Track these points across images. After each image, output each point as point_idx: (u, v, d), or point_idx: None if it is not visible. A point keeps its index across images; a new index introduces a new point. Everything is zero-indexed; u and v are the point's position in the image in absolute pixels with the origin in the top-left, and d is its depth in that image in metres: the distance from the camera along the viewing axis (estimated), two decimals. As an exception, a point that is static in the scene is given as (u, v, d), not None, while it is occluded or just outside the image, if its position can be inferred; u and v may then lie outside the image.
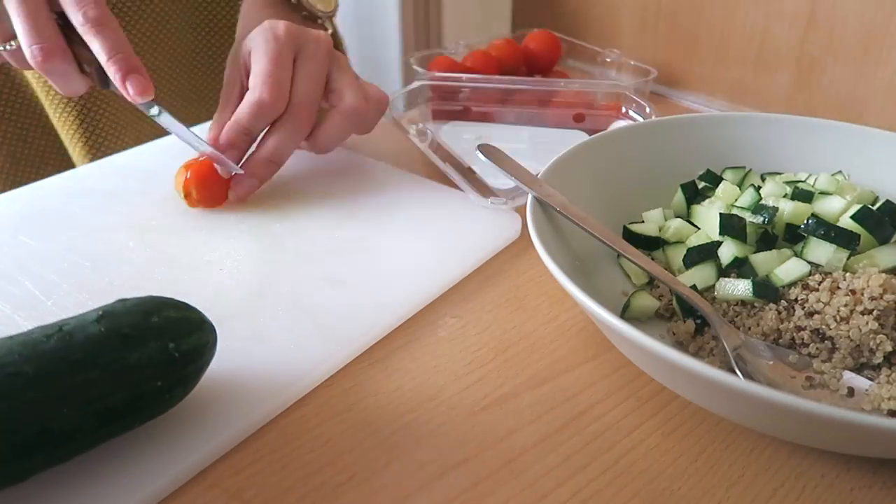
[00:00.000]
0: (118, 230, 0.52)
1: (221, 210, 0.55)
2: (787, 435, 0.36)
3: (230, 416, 0.37)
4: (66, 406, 0.31)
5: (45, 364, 0.31)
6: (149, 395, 0.33)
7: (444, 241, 0.52)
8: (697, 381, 0.34)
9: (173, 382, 0.34)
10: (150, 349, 0.33)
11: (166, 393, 0.34)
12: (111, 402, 0.32)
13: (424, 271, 0.49)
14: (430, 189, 0.60)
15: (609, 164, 0.52)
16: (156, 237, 0.52)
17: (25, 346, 0.31)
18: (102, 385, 0.32)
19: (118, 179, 0.59)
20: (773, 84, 0.75)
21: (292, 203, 0.57)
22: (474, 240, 0.52)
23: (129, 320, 0.33)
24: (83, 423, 0.31)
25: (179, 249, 0.51)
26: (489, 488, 0.34)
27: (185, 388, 0.35)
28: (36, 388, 0.30)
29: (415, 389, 0.40)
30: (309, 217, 0.55)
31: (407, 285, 0.47)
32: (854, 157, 0.53)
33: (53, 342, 0.32)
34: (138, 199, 0.56)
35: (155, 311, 0.34)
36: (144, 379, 0.33)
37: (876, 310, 0.39)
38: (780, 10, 0.72)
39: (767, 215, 0.45)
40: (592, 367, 0.42)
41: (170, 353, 0.33)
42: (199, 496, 0.34)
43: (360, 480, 0.35)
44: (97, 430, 0.32)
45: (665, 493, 0.34)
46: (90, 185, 0.58)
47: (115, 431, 0.34)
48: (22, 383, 0.30)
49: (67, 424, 0.31)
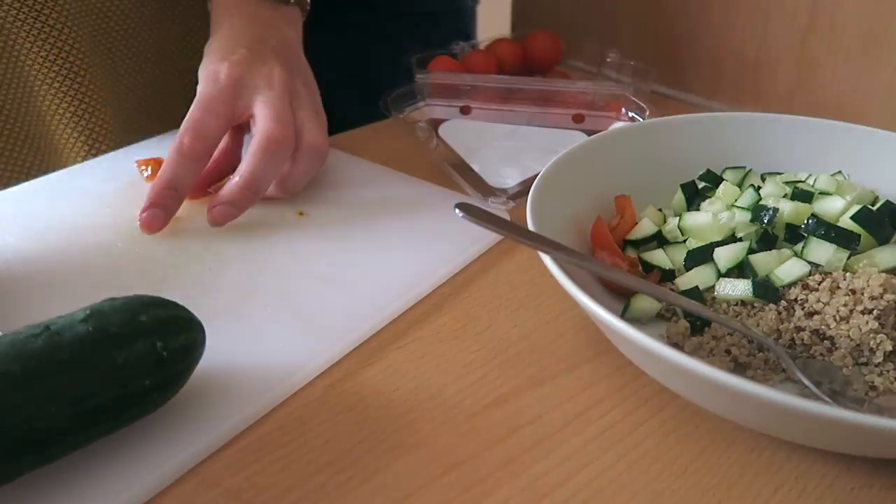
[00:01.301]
0: (107, 230, 0.53)
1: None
2: (787, 435, 0.36)
3: (219, 413, 0.37)
4: (54, 406, 0.31)
5: (32, 364, 0.31)
6: (137, 394, 0.33)
7: (438, 239, 0.53)
8: (697, 382, 0.34)
9: (161, 382, 0.34)
10: (138, 348, 0.33)
11: (154, 392, 0.34)
12: (99, 401, 0.32)
13: (417, 269, 0.49)
14: (426, 188, 0.60)
15: (609, 165, 0.52)
16: (144, 237, 0.52)
17: (13, 346, 0.31)
18: (90, 385, 0.32)
19: (107, 179, 0.60)
20: (773, 84, 0.75)
21: (282, 202, 0.57)
22: (471, 238, 0.52)
23: (117, 319, 0.33)
24: (71, 423, 0.31)
25: (167, 249, 0.51)
26: (489, 488, 0.34)
27: (174, 388, 0.35)
28: (23, 388, 0.30)
29: (415, 389, 0.40)
30: (296, 216, 0.55)
31: (400, 282, 0.48)
32: (854, 157, 0.53)
33: (41, 342, 0.31)
34: (127, 199, 0.57)
35: (142, 310, 0.34)
36: (132, 378, 0.33)
37: (876, 309, 0.39)
38: (780, 10, 0.72)
39: (768, 216, 0.45)
40: (592, 367, 0.42)
41: (158, 353, 0.33)
42: (199, 496, 0.34)
43: (360, 480, 0.35)
44: (85, 430, 0.32)
45: (665, 493, 0.34)
46: (79, 185, 0.59)
47: (104, 431, 0.33)
48: (8, 383, 0.30)
49: (55, 424, 0.31)
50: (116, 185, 0.58)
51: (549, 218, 0.45)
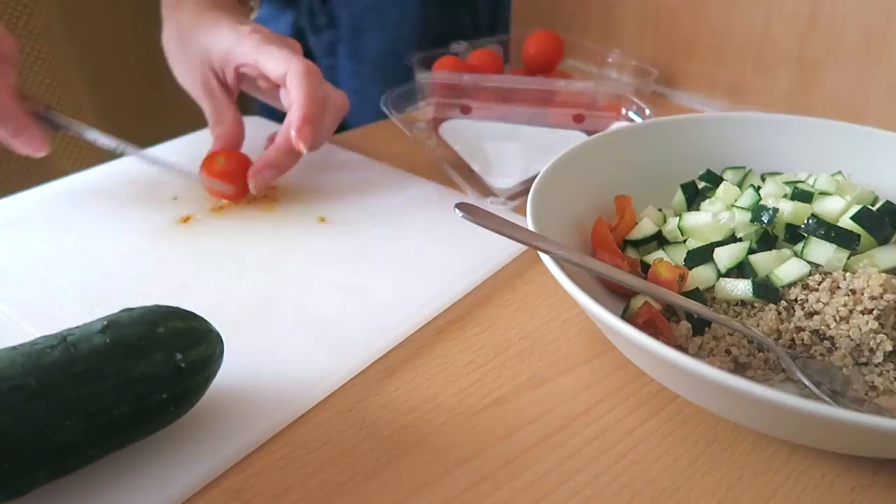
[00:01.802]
0: (128, 234, 0.52)
1: (228, 216, 0.55)
2: (788, 435, 0.36)
3: (236, 428, 0.36)
4: (70, 419, 0.30)
5: (48, 376, 0.30)
6: (154, 407, 0.33)
7: (461, 244, 0.52)
8: (697, 382, 0.34)
9: (179, 394, 0.34)
10: (156, 361, 0.32)
11: (171, 405, 0.34)
12: (115, 414, 0.31)
13: (440, 280, 0.48)
14: (433, 191, 0.59)
15: (609, 165, 0.52)
16: (164, 242, 0.52)
17: (29, 358, 0.31)
18: (107, 397, 0.31)
19: (128, 183, 0.59)
20: (773, 84, 0.75)
21: (300, 208, 0.57)
22: (482, 248, 0.51)
23: (135, 331, 0.33)
24: (87, 436, 0.31)
25: (187, 255, 0.50)
26: (489, 488, 0.34)
27: (192, 400, 0.35)
28: (39, 401, 0.30)
29: (415, 389, 0.40)
30: (316, 222, 0.55)
31: (422, 294, 0.47)
32: (854, 157, 0.53)
33: (57, 353, 0.31)
34: (148, 203, 0.56)
35: (160, 322, 0.33)
36: (149, 391, 0.32)
37: (876, 309, 0.39)
38: (780, 10, 0.72)
39: (768, 216, 0.45)
40: (592, 367, 0.42)
41: (176, 365, 0.33)
42: (199, 496, 0.34)
43: (360, 480, 0.35)
44: (101, 444, 0.32)
45: (665, 493, 0.34)
46: (100, 188, 0.58)
47: (120, 444, 0.33)
48: (25, 396, 0.30)
49: (71, 437, 0.30)
50: (137, 189, 0.58)
51: (549, 218, 0.45)
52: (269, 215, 0.55)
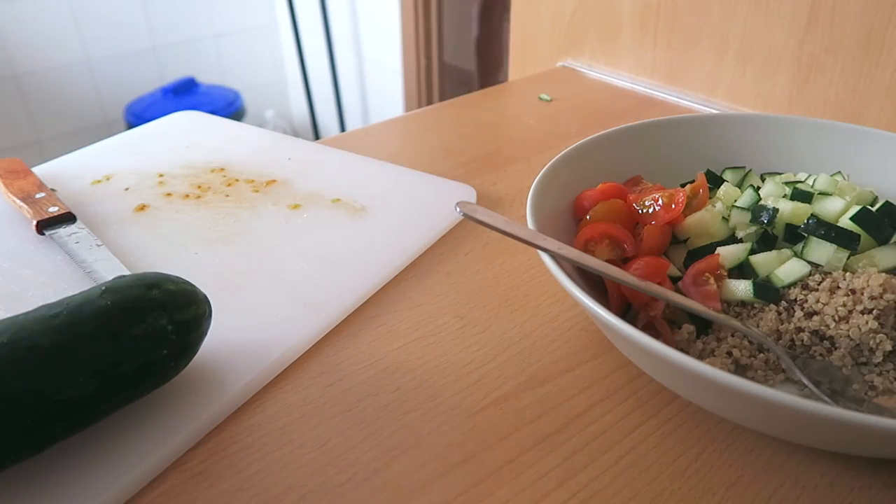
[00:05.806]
0: (87, 224, 0.54)
1: (181, 202, 0.57)
2: (787, 435, 0.36)
3: (226, 381, 0.39)
4: (82, 375, 0.32)
5: (59, 337, 0.33)
6: (156, 363, 0.36)
7: (422, 214, 0.56)
8: (697, 381, 0.34)
9: (177, 351, 0.36)
10: (155, 319, 0.35)
11: (171, 360, 0.36)
12: (123, 370, 0.34)
13: (404, 239, 0.52)
14: (415, 177, 0.62)
15: (609, 165, 0.52)
16: (127, 229, 0.53)
17: (37, 322, 0.33)
18: (114, 355, 0.34)
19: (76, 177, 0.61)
20: (773, 84, 0.75)
21: (273, 197, 0.58)
22: (444, 213, 0.55)
23: (132, 294, 0.35)
24: (98, 392, 0.33)
25: (151, 239, 0.52)
26: (489, 488, 0.34)
27: (189, 356, 0.38)
28: (53, 360, 0.32)
29: (415, 389, 0.40)
30: (294, 209, 0.56)
31: (389, 251, 0.51)
32: (854, 157, 0.53)
33: (63, 317, 0.33)
34: (97, 195, 0.58)
35: (155, 285, 0.36)
36: (151, 348, 0.35)
37: (876, 309, 0.39)
38: (780, 10, 0.72)
39: (767, 216, 0.45)
40: (592, 367, 0.42)
41: (173, 323, 0.36)
42: (199, 496, 0.34)
43: (360, 480, 0.35)
44: (111, 398, 0.34)
45: (665, 493, 0.34)
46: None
47: (127, 399, 0.36)
48: (37, 356, 0.32)
49: (84, 393, 0.33)
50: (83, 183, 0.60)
51: (549, 218, 0.45)
52: (223, 198, 0.58)
